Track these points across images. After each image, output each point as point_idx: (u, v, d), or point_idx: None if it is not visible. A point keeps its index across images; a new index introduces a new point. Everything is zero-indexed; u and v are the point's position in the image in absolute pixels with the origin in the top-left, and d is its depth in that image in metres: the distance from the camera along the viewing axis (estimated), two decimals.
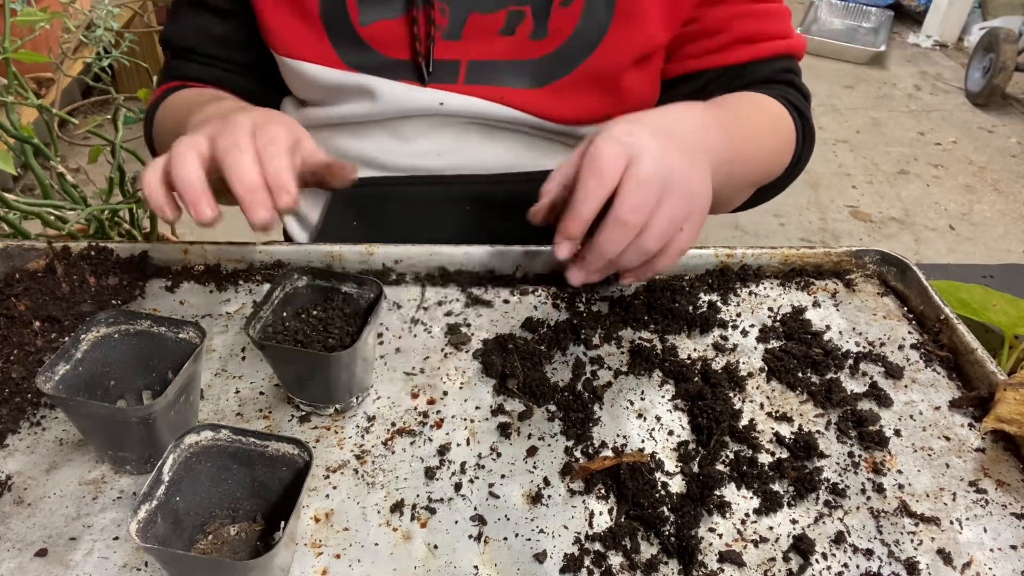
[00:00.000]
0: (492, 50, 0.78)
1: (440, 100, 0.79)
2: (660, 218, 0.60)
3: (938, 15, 4.57)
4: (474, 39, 0.77)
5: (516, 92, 0.79)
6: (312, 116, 0.84)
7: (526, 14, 0.76)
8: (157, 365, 0.56)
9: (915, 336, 0.71)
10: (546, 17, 0.76)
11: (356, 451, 0.56)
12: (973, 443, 0.60)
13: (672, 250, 0.63)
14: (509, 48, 0.77)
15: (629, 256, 0.61)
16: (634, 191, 0.58)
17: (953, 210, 2.92)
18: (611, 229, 0.59)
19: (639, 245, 0.60)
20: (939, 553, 0.52)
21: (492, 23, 0.76)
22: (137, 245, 0.72)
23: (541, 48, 0.77)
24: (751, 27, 0.81)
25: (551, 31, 0.76)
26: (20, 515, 0.50)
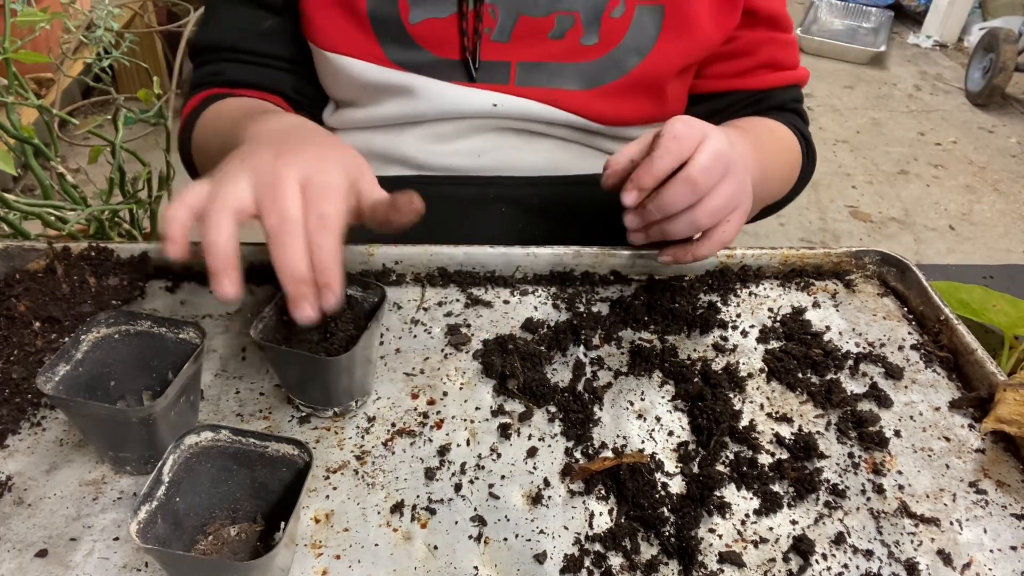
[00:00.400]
0: (542, 52, 0.78)
1: (494, 101, 0.79)
2: (718, 194, 0.64)
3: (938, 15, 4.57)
4: (523, 41, 0.77)
5: (568, 93, 0.79)
6: (348, 118, 0.84)
7: (576, 19, 0.77)
8: (157, 366, 0.56)
9: (915, 337, 0.71)
10: (596, 24, 0.77)
11: (356, 452, 0.56)
12: (973, 444, 0.60)
13: (716, 237, 0.67)
14: (559, 51, 0.78)
15: (681, 223, 0.65)
16: (707, 157, 0.62)
17: (953, 210, 2.92)
18: (679, 184, 0.62)
19: (693, 215, 0.64)
20: (939, 554, 0.52)
21: (541, 26, 0.77)
22: (137, 245, 0.72)
23: (592, 52, 0.78)
24: (775, 54, 0.87)
25: (601, 37, 0.77)
26: (20, 516, 0.50)
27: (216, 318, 0.68)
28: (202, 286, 0.71)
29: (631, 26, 0.78)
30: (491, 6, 0.75)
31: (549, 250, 0.75)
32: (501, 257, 0.74)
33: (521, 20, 0.76)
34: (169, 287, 0.71)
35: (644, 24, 0.78)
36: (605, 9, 0.77)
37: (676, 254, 0.69)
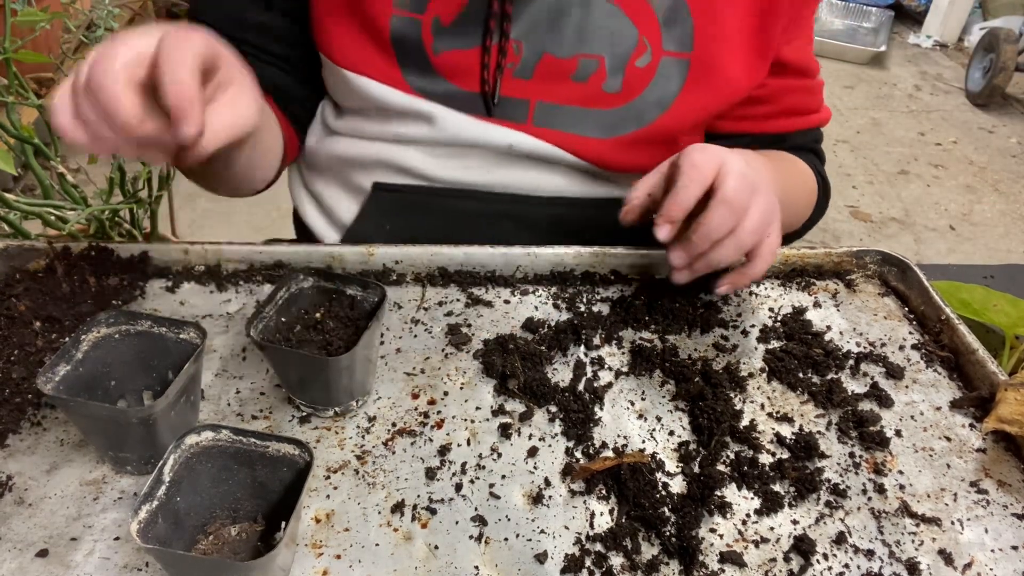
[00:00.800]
0: (562, 94, 0.77)
1: (510, 142, 0.78)
2: (755, 211, 0.64)
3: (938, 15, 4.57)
4: (545, 80, 0.76)
5: (585, 141, 0.78)
6: (357, 127, 0.83)
7: (600, 64, 0.75)
8: (158, 365, 0.56)
9: (916, 336, 0.71)
10: (620, 72, 0.76)
11: (357, 451, 0.56)
12: (974, 443, 0.60)
13: (764, 252, 0.67)
14: (580, 95, 0.77)
15: (727, 248, 0.64)
16: (734, 179, 0.63)
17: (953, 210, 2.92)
18: (719, 208, 0.63)
19: (737, 237, 0.64)
20: (940, 553, 0.52)
21: (565, 67, 0.75)
22: (137, 245, 0.72)
23: (613, 100, 0.77)
24: (799, 101, 0.87)
25: (624, 85, 0.76)
26: (21, 515, 0.50)
27: (216, 318, 0.68)
28: (202, 286, 0.71)
29: (655, 76, 0.76)
30: (516, 42, 0.74)
31: (550, 250, 0.75)
32: (501, 257, 0.74)
33: (545, 58, 0.75)
34: (169, 287, 0.71)
35: (669, 75, 0.77)
36: (631, 57, 0.75)
37: (734, 280, 0.69)
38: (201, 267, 0.72)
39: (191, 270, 0.72)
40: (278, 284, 0.60)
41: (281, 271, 0.72)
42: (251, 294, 0.71)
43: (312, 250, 0.73)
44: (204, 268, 0.72)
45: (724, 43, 0.76)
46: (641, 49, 0.75)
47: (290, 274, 0.61)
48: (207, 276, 0.72)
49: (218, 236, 0.72)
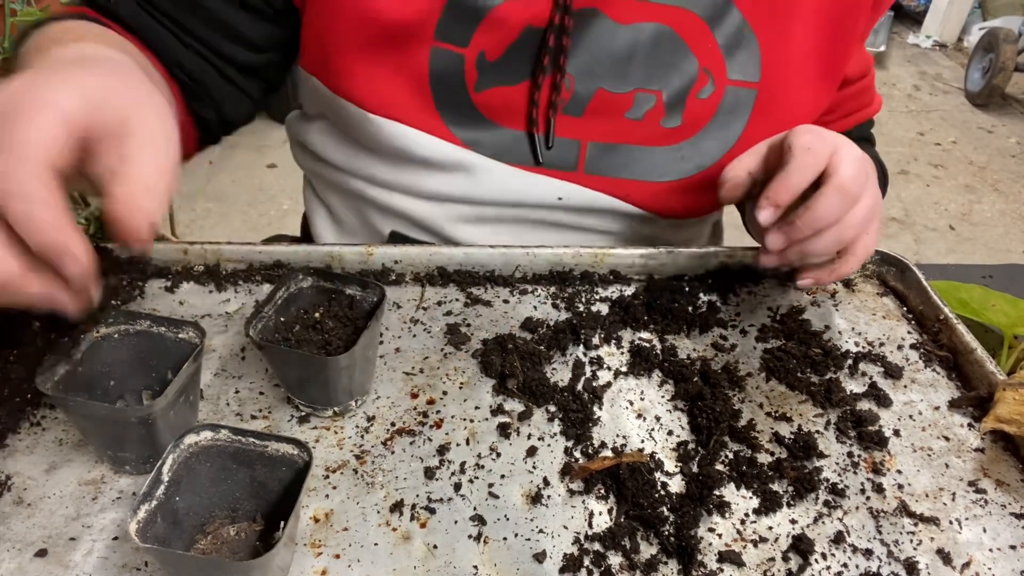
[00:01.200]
0: (616, 133, 0.72)
1: (559, 195, 0.73)
2: (863, 205, 0.62)
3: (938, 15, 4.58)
4: (598, 118, 0.71)
5: (641, 186, 0.74)
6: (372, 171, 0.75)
7: (656, 100, 0.71)
8: (157, 365, 0.56)
9: (914, 336, 0.71)
10: (680, 106, 0.72)
11: (356, 451, 0.56)
12: (972, 443, 0.60)
13: (860, 251, 0.64)
14: (635, 133, 0.72)
15: (827, 238, 0.62)
16: (851, 166, 0.60)
17: (953, 210, 2.92)
18: (833, 195, 0.60)
19: (841, 228, 0.61)
20: (938, 553, 0.52)
21: (620, 103, 0.71)
22: None
23: (672, 136, 0.73)
24: (859, 101, 0.85)
25: (685, 120, 0.72)
26: (20, 515, 0.50)
27: (215, 318, 0.68)
28: (201, 286, 0.71)
29: (719, 109, 0.72)
30: (569, 76, 0.69)
31: (549, 250, 0.75)
32: (500, 257, 0.74)
33: (599, 94, 0.70)
34: (168, 287, 0.71)
35: (734, 108, 0.72)
36: (692, 89, 0.71)
37: (819, 276, 0.67)
38: (200, 267, 0.73)
39: (190, 270, 0.72)
40: (277, 284, 0.60)
41: (280, 271, 0.72)
42: (250, 294, 0.71)
43: (311, 250, 0.73)
44: (203, 268, 0.72)
45: (792, 68, 0.73)
46: (703, 80, 0.71)
47: (289, 274, 0.61)
48: (206, 276, 0.72)
49: (216, 236, 0.72)
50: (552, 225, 0.78)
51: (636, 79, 0.71)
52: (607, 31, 0.69)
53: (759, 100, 0.73)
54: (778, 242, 0.63)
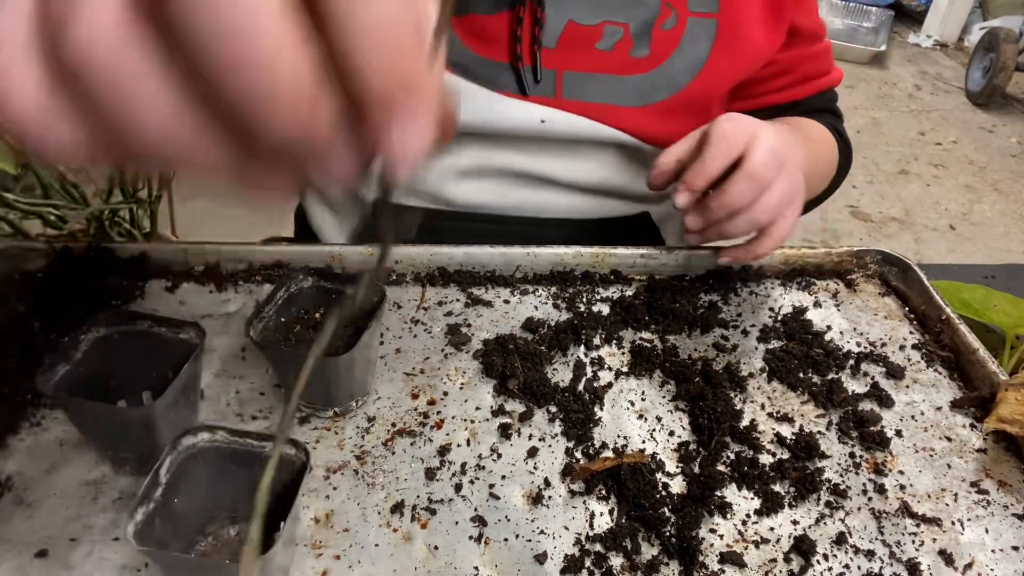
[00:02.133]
0: (590, 63, 0.75)
1: (542, 117, 0.74)
2: (775, 191, 0.65)
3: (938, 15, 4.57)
4: (570, 49, 0.74)
5: (617, 110, 0.76)
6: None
7: (624, 32, 0.74)
8: (157, 366, 0.56)
9: (916, 336, 0.71)
10: (647, 37, 0.74)
11: (356, 451, 0.56)
12: (975, 444, 0.60)
13: (775, 234, 0.67)
14: (607, 63, 0.75)
15: (740, 221, 0.66)
16: (763, 153, 0.63)
17: (953, 210, 2.92)
18: (742, 181, 0.63)
19: (752, 213, 0.65)
20: (940, 554, 0.52)
21: (589, 35, 0.73)
22: (137, 245, 0.72)
23: (642, 65, 0.75)
24: (813, 66, 0.87)
25: (652, 50, 0.75)
26: (20, 516, 0.50)
27: (216, 318, 0.68)
28: (201, 286, 0.71)
29: (683, 39, 0.75)
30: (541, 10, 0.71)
31: (549, 250, 0.74)
32: (501, 257, 0.74)
33: (569, 26, 0.73)
34: (169, 287, 0.70)
35: (696, 37, 0.75)
36: (656, 22, 0.74)
37: (736, 255, 0.70)
38: (200, 267, 0.72)
39: (190, 270, 0.72)
40: (277, 284, 0.60)
41: (280, 271, 0.72)
42: (250, 294, 0.71)
43: (311, 250, 0.73)
44: (203, 268, 0.72)
45: (744, 3, 0.76)
46: (665, 13, 0.74)
47: (289, 274, 0.61)
48: (206, 276, 0.72)
49: (217, 235, 0.72)
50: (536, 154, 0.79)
51: (603, 12, 0.73)
52: None
53: (720, 29, 0.76)
54: (695, 223, 0.67)
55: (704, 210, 0.66)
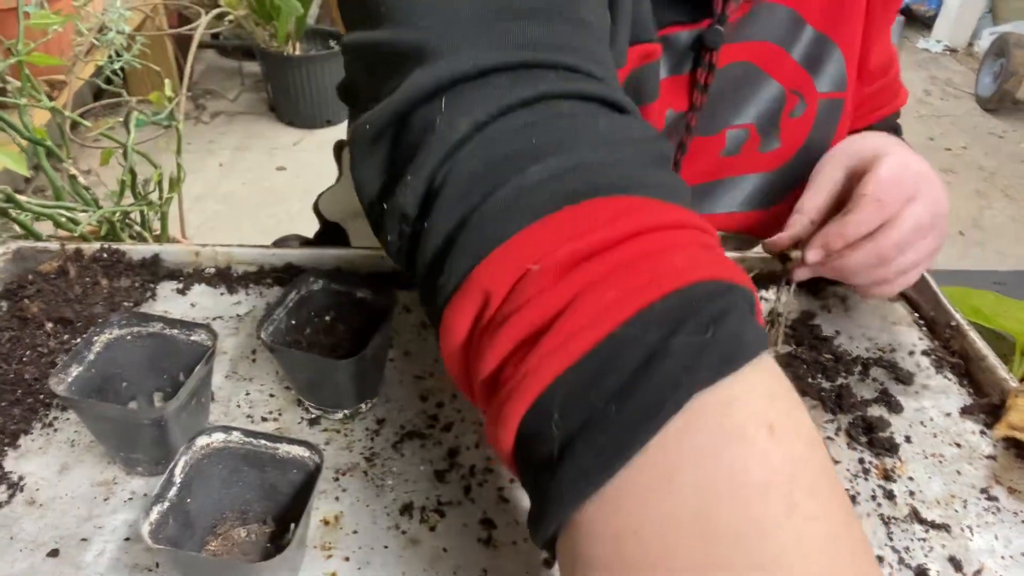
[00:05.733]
0: (715, 171, 0.73)
1: None
2: (912, 257, 0.63)
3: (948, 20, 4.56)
4: (695, 163, 0.72)
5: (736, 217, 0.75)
6: None
7: (749, 132, 0.72)
8: (169, 367, 0.56)
9: (926, 342, 0.71)
10: (775, 129, 0.72)
11: (366, 453, 0.56)
12: (984, 450, 0.60)
13: (899, 283, 0.65)
14: (733, 166, 0.73)
15: (863, 278, 0.64)
16: (907, 229, 0.61)
17: (963, 216, 2.90)
18: (867, 254, 0.61)
19: (878, 273, 0.63)
20: (950, 560, 0.51)
21: (713, 145, 0.72)
22: (149, 247, 0.73)
23: (773, 160, 0.73)
24: (886, 95, 0.84)
25: (783, 142, 0.73)
26: (32, 516, 0.51)
27: (227, 320, 0.68)
28: (212, 288, 0.72)
29: (815, 124, 0.72)
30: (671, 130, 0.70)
31: None
32: None
33: (693, 141, 0.71)
34: (180, 289, 0.71)
35: (826, 120, 0.73)
36: (783, 111, 0.71)
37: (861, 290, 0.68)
38: (212, 269, 0.73)
39: (202, 272, 0.73)
40: (289, 286, 0.60)
41: (291, 273, 0.72)
42: (261, 296, 0.71)
43: (322, 253, 0.73)
44: (215, 270, 0.73)
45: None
46: (792, 100, 0.72)
47: (300, 276, 0.61)
48: (218, 278, 0.72)
49: (226, 238, 0.72)
50: None
51: (724, 118, 0.71)
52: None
53: (845, 108, 0.73)
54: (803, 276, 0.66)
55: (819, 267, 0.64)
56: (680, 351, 0.28)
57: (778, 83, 0.71)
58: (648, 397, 0.28)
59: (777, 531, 0.25)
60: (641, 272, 0.30)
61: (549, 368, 0.29)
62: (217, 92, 3.28)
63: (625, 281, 0.30)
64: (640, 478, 0.27)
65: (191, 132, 2.98)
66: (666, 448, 0.27)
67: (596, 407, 0.28)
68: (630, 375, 0.28)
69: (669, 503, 0.26)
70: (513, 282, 0.31)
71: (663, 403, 0.27)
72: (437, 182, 0.35)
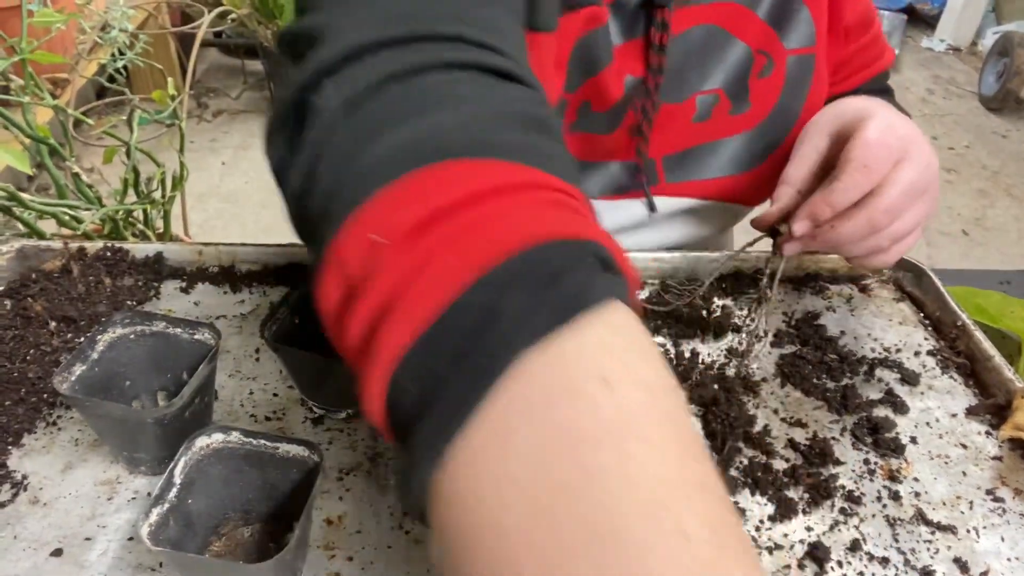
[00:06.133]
0: (687, 138, 0.73)
1: (652, 206, 0.75)
2: (906, 222, 0.60)
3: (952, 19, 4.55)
4: (666, 131, 0.72)
5: (721, 182, 0.74)
6: None
7: (719, 96, 0.71)
8: (172, 366, 0.56)
9: (931, 342, 0.71)
10: (744, 91, 0.71)
11: (369, 453, 0.56)
12: (990, 451, 0.60)
13: (895, 251, 0.63)
14: (705, 132, 0.73)
15: (858, 249, 0.62)
16: (898, 194, 0.58)
17: (966, 215, 2.90)
18: (860, 222, 0.59)
19: (873, 242, 0.61)
20: (955, 562, 0.51)
21: (683, 112, 0.71)
22: (152, 246, 0.72)
23: (745, 122, 0.73)
24: (868, 54, 0.82)
25: (754, 103, 0.72)
26: (35, 515, 0.50)
27: (230, 319, 0.68)
28: (216, 287, 0.71)
29: (786, 82, 0.71)
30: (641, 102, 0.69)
31: None
32: None
33: (662, 109, 0.70)
34: (183, 288, 0.71)
35: (798, 77, 0.72)
36: (751, 72, 0.71)
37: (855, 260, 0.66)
38: (215, 268, 0.73)
39: (205, 271, 0.72)
40: (292, 285, 0.60)
41: (295, 272, 0.72)
42: (265, 295, 0.71)
43: None
44: (218, 269, 0.73)
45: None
46: (760, 61, 0.71)
47: (304, 275, 0.61)
48: (221, 277, 0.72)
49: (229, 236, 0.72)
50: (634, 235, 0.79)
51: (693, 84, 0.71)
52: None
53: (817, 64, 0.72)
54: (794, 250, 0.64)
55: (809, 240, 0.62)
56: (514, 311, 0.28)
57: (744, 44, 0.71)
58: (480, 361, 0.28)
59: (607, 481, 0.25)
60: (483, 235, 0.30)
61: (397, 341, 0.29)
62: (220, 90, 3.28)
63: (467, 245, 0.30)
64: (477, 441, 0.27)
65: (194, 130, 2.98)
66: (499, 410, 0.27)
67: (438, 375, 0.28)
68: (465, 339, 0.28)
69: (505, 464, 0.27)
70: (363, 253, 0.31)
71: (493, 365, 0.27)
72: (313, 163, 0.36)
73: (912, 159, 0.59)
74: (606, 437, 0.26)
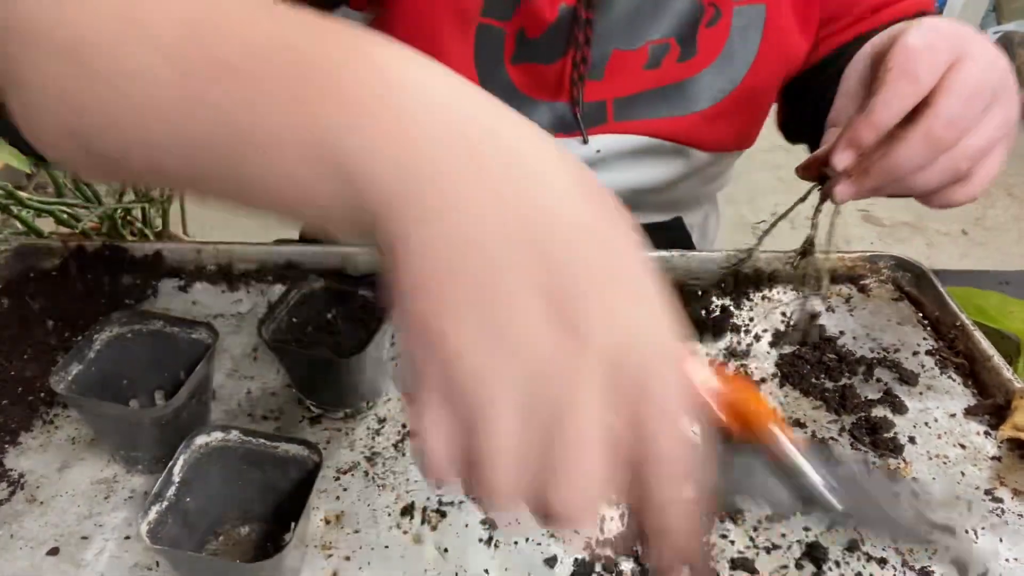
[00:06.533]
0: (638, 84, 0.73)
1: (596, 148, 0.74)
2: (981, 135, 0.50)
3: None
4: (617, 76, 0.72)
5: (668, 122, 0.74)
6: None
7: (670, 45, 0.71)
8: (170, 365, 0.56)
9: (930, 342, 0.70)
10: (692, 40, 0.72)
11: (367, 452, 0.56)
12: (989, 451, 0.60)
13: (977, 180, 0.53)
14: (656, 78, 0.73)
15: (930, 176, 0.51)
16: (958, 101, 0.48)
17: (966, 215, 2.90)
18: (915, 144, 0.49)
19: (946, 164, 0.50)
20: (954, 563, 0.51)
21: (635, 59, 0.71)
22: (150, 245, 0.72)
23: (689, 68, 0.73)
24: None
25: (700, 51, 0.72)
26: (32, 513, 0.50)
27: (228, 318, 0.68)
28: (213, 286, 0.71)
29: (731, 32, 0.71)
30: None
31: None
32: None
33: (614, 55, 0.71)
34: (181, 287, 0.71)
35: (745, 28, 0.72)
36: (700, 21, 0.71)
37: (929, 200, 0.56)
38: (213, 267, 0.73)
39: (203, 270, 0.72)
40: (290, 284, 0.60)
41: (292, 271, 0.72)
42: (262, 294, 0.71)
43: (324, 251, 0.73)
44: (216, 268, 0.72)
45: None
46: (708, 12, 0.71)
47: (302, 275, 0.61)
48: (219, 276, 0.72)
49: (226, 234, 0.72)
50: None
51: (645, 32, 0.71)
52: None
53: (769, 15, 0.72)
54: (846, 194, 0.54)
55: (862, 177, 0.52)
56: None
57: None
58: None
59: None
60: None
61: None
62: None
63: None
64: None
65: None
66: None
67: None
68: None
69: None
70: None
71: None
72: None
73: (972, 57, 0.49)
74: None
